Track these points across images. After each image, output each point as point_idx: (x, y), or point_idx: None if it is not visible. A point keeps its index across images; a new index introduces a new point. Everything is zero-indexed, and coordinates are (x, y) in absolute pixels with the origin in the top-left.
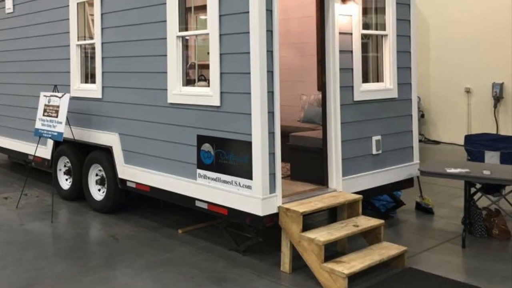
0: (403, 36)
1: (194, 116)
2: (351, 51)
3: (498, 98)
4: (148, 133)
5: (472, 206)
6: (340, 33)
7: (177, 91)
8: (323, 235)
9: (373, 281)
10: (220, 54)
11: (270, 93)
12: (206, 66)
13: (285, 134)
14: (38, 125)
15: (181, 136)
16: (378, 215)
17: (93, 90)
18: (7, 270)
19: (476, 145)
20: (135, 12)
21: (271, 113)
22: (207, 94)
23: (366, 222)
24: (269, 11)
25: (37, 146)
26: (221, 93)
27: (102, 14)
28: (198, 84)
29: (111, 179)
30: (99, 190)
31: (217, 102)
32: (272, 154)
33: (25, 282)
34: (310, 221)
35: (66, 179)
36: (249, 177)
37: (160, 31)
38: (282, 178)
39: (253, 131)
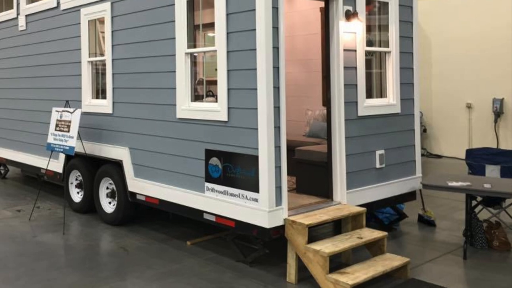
0: (406, 53)
1: (202, 130)
2: (355, 68)
3: (498, 113)
4: (157, 147)
5: (473, 218)
6: (344, 50)
7: (186, 107)
8: (328, 246)
9: None
10: (228, 71)
11: (277, 108)
12: (214, 82)
13: (291, 148)
14: (50, 139)
15: (190, 150)
16: (382, 227)
17: (104, 105)
18: (20, 281)
19: (477, 159)
20: (144, 29)
21: (277, 128)
22: (215, 110)
23: (370, 234)
24: (275, 29)
25: (49, 160)
26: (229, 108)
27: (112, 32)
28: (206, 99)
29: (121, 192)
30: (109, 203)
31: (224, 117)
32: (278, 168)
33: None
34: (315, 233)
35: (78, 192)
36: (256, 190)
37: (169, 48)
38: (288, 191)
39: (260, 145)
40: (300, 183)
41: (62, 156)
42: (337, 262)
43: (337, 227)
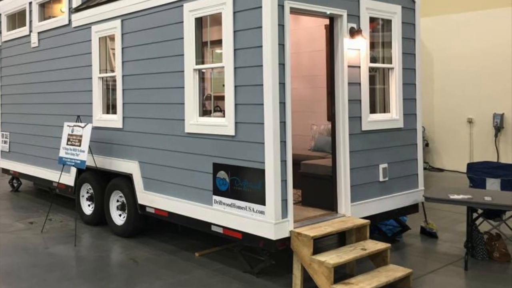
0: (409, 69)
1: (210, 145)
2: (359, 83)
3: (498, 128)
4: (166, 161)
5: (474, 230)
6: (348, 66)
7: (194, 121)
8: (333, 258)
9: None
10: (235, 86)
11: (282, 123)
12: (222, 98)
13: (297, 162)
14: (62, 153)
15: (198, 164)
16: (385, 239)
17: (114, 120)
18: None
19: (478, 173)
20: (154, 46)
21: (283, 142)
22: (223, 124)
23: (374, 245)
24: (281, 46)
25: (61, 174)
26: (236, 123)
27: (122, 48)
28: (214, 114)
29: (131, 204)
30: (120, 215)
31: (232, 132)
32: (284, 181)
33: None
34: (320, 244)
35: (89, 205)
36: (263, 203)
37: (177, 64)
38: (294, 203)
39: (266, 159)
40: (306, 196)
41: (73, 170)
42: (342, 273)
43: (341, 238)
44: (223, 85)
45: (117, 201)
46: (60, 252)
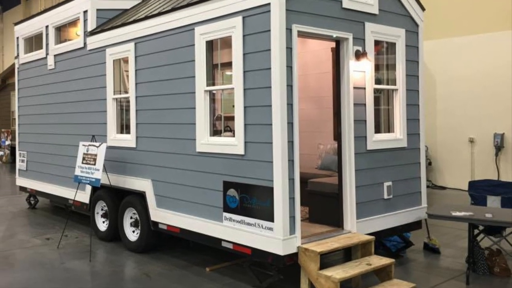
0: (412, 91)
1: (221, 163)
2: (365, 104)
3: (499, 147)
4: (178, 179)
5: (476, 246)
6: (354, 87)
7: (205, 141)
8: (339, 273)
9: None
10: (244, 107)
11: (290, 142)
12: (232, 118)
13: (304, 180)
14: (77, 172)
15: (209, 182)
16: (389, 254)
17: (128, 140)
18: None
19: (479, 190)
20: (166, 68)
21: (291, 161)
22: (232, 144)
23: (378, 261)
24: (289, 68)
25: (76, 191)
26: (245, 142)
27: (136, 70)
28: (224, 134)
29: (144, 221)
30: (133, 231)
31: (241, 151)
32: (292, 199)
33: None
34: (327, 260)
35: (103, 222)
36: (271, 219)
37: (189, 85)
38: (301, 220)
39: (275, 177)
40: (313, 213)
41: (88, 188)
42: (348, 287)
43: (347, 254)
44: (233, 106)
45: (131, 217)
46: (76, 267)
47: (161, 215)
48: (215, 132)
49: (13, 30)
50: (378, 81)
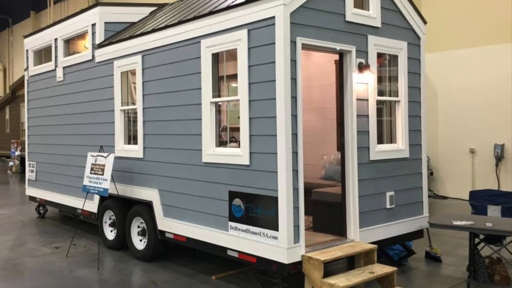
0: (414, 102)
1: (226, 174)
2: (367, 116)
3: (499, 158)
4: (184, 189)
5: (476, 254)
6: (357, 99)
7: (211, 151)
8: (342, 281)
9: None
10: (250, 118)
11: (295, 153)
12: (237, 129)
13: (308, 190)
14: (85, 182)
15: (214, 192)
16: (392, 263)
17: (135, 150)
18: None
19: (480, 200)
20: (173, 80)
21: (295, 171)
22: (238, 154)
23: (381, 269)
24: (294, 80)
25: (85, 201)
26: (250, 153)
27: (143, 82)
28: (230, 145)
29: (151, 230)
30: (140, 240)
31: (246, 161)
32: (296, 208)
33: None
34: (331, 268)
35: (111, 231)
36: (276, 228)
37: (195, 97)
38: (305, 229)
39: (279, 187)
40: (317, 222)
41: (96, 197)
42: None
43: (350, 262)
44: (238, 117)
45: (138, 227)
46: (84, 275)
47: (168, 224)
48: (220, 142)
49: (22, 43)
50: (380, 92)
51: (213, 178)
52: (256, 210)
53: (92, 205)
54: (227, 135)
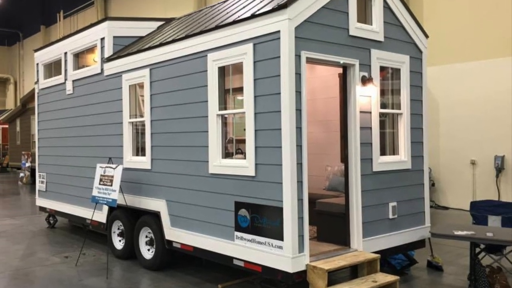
0: (416, 115)
1: (232, 185)
2: (370, 128)
3: (499, 169)
4: (191, 200)
5: (477, 264)
6: (360, 111)
7: (217, 163)
8: None
9: None
10: (255, 130)
11: (299, 164)
12: (243, 141)
13: (312, 200)
14: (94, 192)
15: (221, 202)
16: (394, 272)
17: (143, 162)
18: None
19: (480, 210)
20: (180, 93)
21: (300, 182)
22: (244, 166)
23: (384, 278)
24: (298, 93)
25: (94, 211)
26: (256, 164)
27: (151, 95)
28: (236, 156)
29: (159, 240)
30: (148, 250)
31: (252, 173)
32: (301, 218)
33: None
34: (334, 277)
35: (120, 240)
36: (281, 238)
37: (202, 110)
38: (310, 239)
39: (284, 198)
40: (321, 232)
41: (105, 208)
42: None
43: (354, 271)
44: (244, 129)
45: (146, 236)
46: (93, 284)
47: (175, 234)
48: (227, 154)
49: (33, 57)
50: (383, 105)
51: (219, 189)
52: (261, 220)
53: (101, 215)
54: (233, 147)
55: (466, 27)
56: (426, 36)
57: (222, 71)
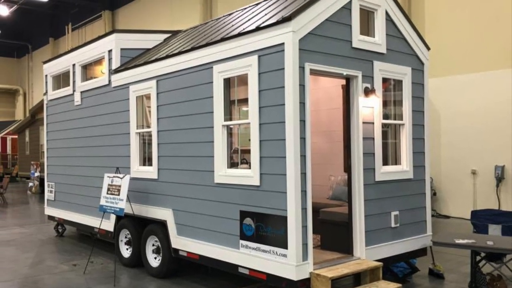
0: (418, 125)
1: (237, 194)
2: (373, 138)
3: (500, 179)
4: (197, 209)
5: (478, 272)
6: (363, 122)
7: (223, 173)
8: None
9: None
10: (260, 141)
11: (303, 174)
12: (248, 151)
13: (316, 209)
14: (102, 202)
15: (226, 211)
16: (396, 279)
17: (150, 171)
18: None
19: (481, 219)
20: (186, 104)
21: (304, 192)
22: (249, 175)
23: (386, 286)
24: (302, 104)
25: (101, 220)
26: (261, 174)
27: (158, 106)
28: (241, 166)
29: (165, 248)
30: (155, 258)
31: (257, 182)
32: (304, 227)
33: None
34: (338, 285)
35: (127, 249)
36: (285, 247)
37: (207, 120)
38: (313, 247)
39: (288, 207)
40: (324, 240)
41: (113, 217)
42: None
43: (357, 279)
44: (249, 140)
45: (153, 245)
46: None
47: (181, 243)
48: (232, 164)
49: (42, 68)
50: (385, 116)
51: (224, 198)
52: (266, 229)
53: (108, 224)
54: (238, 157)
55: (467, 40)
56: (428, 48)
57: (228, 82)
